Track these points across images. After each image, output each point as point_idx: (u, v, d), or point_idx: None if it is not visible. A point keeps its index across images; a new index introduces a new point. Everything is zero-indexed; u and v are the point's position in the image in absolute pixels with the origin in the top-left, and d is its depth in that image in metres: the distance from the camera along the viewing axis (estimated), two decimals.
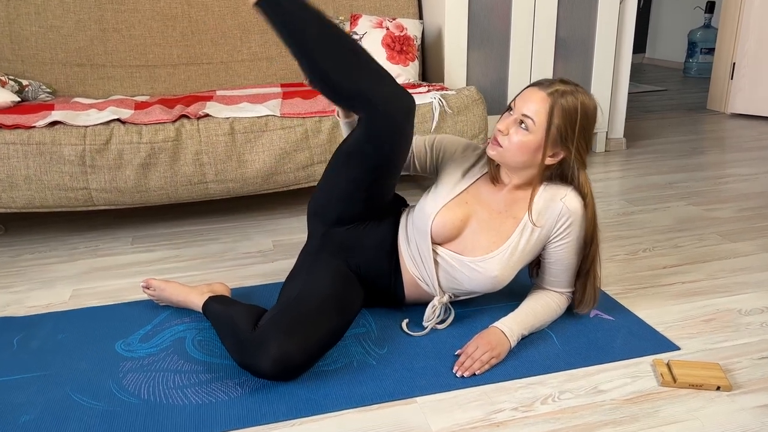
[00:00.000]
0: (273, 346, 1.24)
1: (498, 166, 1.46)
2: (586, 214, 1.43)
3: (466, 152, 1.53)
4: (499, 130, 1.38)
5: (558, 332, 1.49)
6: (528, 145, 1.36)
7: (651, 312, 1.58)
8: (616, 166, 2.89)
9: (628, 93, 3.69)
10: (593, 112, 1.38)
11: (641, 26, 6.22)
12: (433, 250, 1.46)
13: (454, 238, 1.46)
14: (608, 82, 2.96)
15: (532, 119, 1.35)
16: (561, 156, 1.39)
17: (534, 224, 1.42)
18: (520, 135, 1.36)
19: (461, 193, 1.47)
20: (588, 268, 1.47)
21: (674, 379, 1.29)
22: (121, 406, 1.26)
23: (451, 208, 1.44)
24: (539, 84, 1.38)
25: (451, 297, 1.52)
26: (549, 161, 1.39)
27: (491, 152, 1.41)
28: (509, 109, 1.41)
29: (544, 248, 1.47)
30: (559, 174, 1.44)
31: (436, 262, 1.46)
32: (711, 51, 5.40)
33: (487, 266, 1.42)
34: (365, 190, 1.46)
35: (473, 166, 1.51)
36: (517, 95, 1.40)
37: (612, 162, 2.97)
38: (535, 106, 1.35)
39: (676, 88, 4.98)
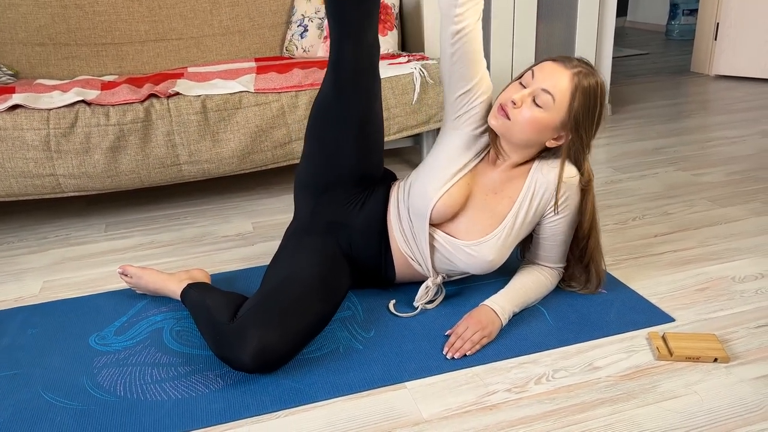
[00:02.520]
0: (253, 338, 1.18)
1: (498, 140, 1.39)
2: (586, 200, 1.38)
3: (483, 127, 1.42)
4: (513, 102, 1.29)
5: (550, 308, 1.45)
6: (540, 122, 1.29)
7: (644, 283, 1.54)
8: (601, 133, 2.84)
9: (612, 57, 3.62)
10: (605, 97, 1.32)
11: None
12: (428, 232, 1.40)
13: (451, 220, 1.40)
14: (592, 47, 2.89)
15: (552, 96, 1.27)
16: (567, 138, 1.33)
17: (556, 211, 1.37)
18: (533, 111, 1.28)
19: (466, 174, 1.39)
20: (589, 258, 1.43)
21: (670, 353, 1.25)
22: (96, 404, 1.20)
23: (454, 190, 1.37)
24: (560, 61, 1.30)
25: (444, 277, 1.47)
26: (552, 144, 1.33)
27: (494, 122, 1.32)
28: (518, 78, 1.32)
29: (538, 223, 1.42)
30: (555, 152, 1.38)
31: (431, 245, 1.40)
32: (693, 12, 5.33)
33: (482, 250, 1.36)
34: (354, 143, 1.39)
35: (481, 145, 1.41)
36: (533, 66, 1.32)
37: None
38: (558, 84, 1.27)
39: (659, 51, 4.91)
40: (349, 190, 1.44)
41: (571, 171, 1.36)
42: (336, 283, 1.36)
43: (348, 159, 1.40)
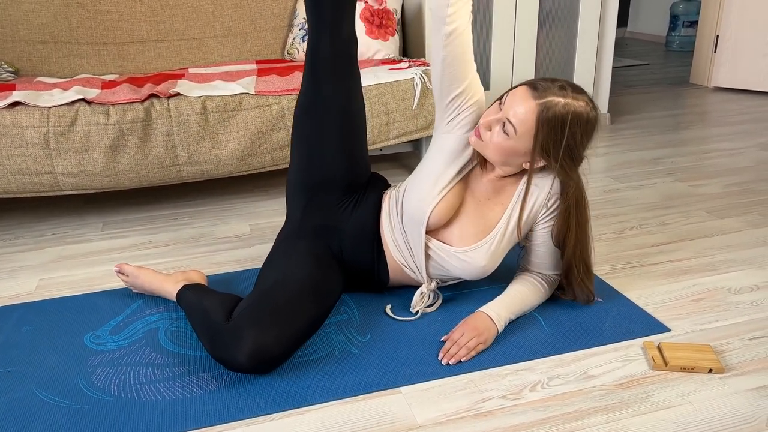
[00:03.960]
0: (248, 339, 1.18)
1: None
2: (565, 215, 1.36)
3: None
4: (482, 125, 1.31)
5: (546, 316, 1.45)
6: (507, 149, 1.30)
7: (640, 292, 1.55)
8: (600, 143, 2.85)
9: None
10: (587, 126, 1.28)
11: None
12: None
13: (444, 227, 1.40)
14: (592, 57, 2.91)
15: (514, 127, 1.27)
16: (540, 164, 1.32)
17: (520, 226, 1.37)
18: (500, 137, 1.29)
19: (460, 181, 1.39)
20: (567, 270, 1.41)
21: (665, 363, 1.25)
22: (90, 403, 1.19)
23: (449, 197, 1.37)
24: (534, 87, 1.27)
25: (438, 283, 1.47)
26: (526, 166, 1.34)
27: (471, 139, 1.35)
28: (501, 99, 1.32)
29: (530, 230, 1.42)
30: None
31: (425, 253, 1.41)
32: (693, 24, 5.36)
33: (475, 256, 1.37)
34: (338, 139, 1.40)
35: (471, 150, 1.42)
36: (512, 88, 1.32)
37: (596, 138, 2.92)
38: (521, 115, 1.26)
39: (659, 62, 4.94)
40: (338, 193, 1.45)
41: (557, 186, 1.37)
42: (328, 286, 1.36)
43: (331, 157, 1.42)
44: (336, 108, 1.38)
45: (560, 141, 1.27)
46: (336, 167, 1.43)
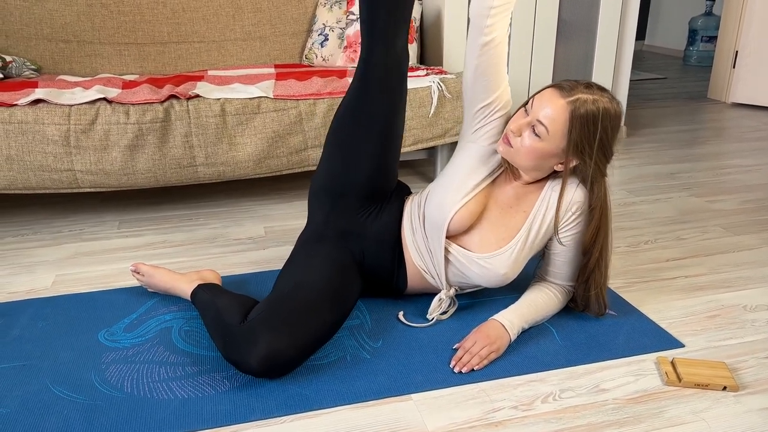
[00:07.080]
0: (261, 343, 1.19)
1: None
2: (592, 220, 1.36)
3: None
4: (512, 131, 1.32)
5: (559, 327, 1.44)
6: (539, 151, 1.30)
7: (654, 307, 1.54)
8: (616, 155, 2.84)
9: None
10: (615, 121, 1.29)
11: (642, 12, 6.15)
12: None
13: (465, 233, 1.40)
14: (610, 69, 2.90)
15: (546, 128, 1.27)
16: (573, 164, 1.32)
17: (557, 233, 1.37)
18: (532, 140, 1.30)
19: (484, 188, 1.40)
20: (587, 276, 1.40)
21: (679, 378, 1.24)
22: (102, 399, 1.20)
23: (471, 204, 1.37)
24: (561, 87, 1.29)
25: (457, 290, 1.47)
26: (559, 168, 1.34)
27: (500, 149, 1.35)
28: (526, 104, 1.33)
29: (549, 238, 1.42)
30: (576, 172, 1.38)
31: (445, 258, 1.41)
32: (712, 39, 5.33)
33: (496, 263, 1.37)
34: (376, 151, 1.40)
35: (498, 159, 1.42)
36: (537, 93, 1.33)
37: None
38: (551, 114, 1.27)
39: (676, 76, 4.91)
40: (363, 200, 1.45)
41: (579, 194, 1.36)
42: (347, 292, 1.36)
43: (366, 166, 1.41)
44: (380, 120, 1.38)
45: (594, 137, 1.28)
46: (368, 177, 1.43)
